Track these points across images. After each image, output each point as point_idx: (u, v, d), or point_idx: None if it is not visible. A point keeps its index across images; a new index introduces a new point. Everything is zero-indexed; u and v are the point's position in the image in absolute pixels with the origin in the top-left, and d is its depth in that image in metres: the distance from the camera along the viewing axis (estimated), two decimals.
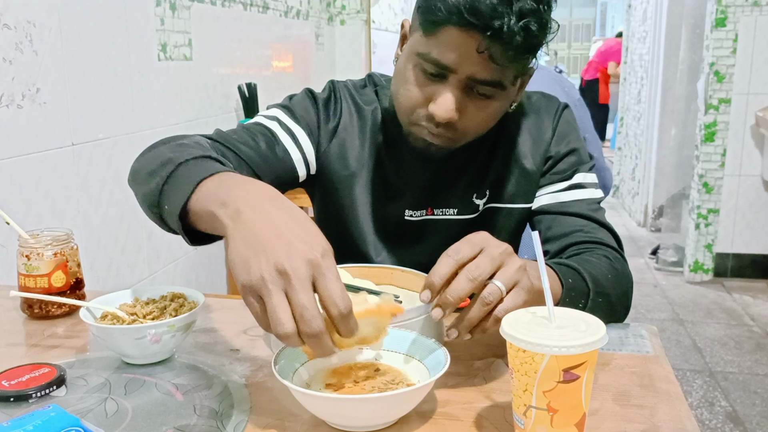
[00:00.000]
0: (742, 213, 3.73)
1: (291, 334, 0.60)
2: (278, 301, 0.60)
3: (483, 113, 0.93)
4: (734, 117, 3.62)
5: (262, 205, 0.67)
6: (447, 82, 0.90)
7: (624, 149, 5.88)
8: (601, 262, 0.94)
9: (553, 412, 0.60)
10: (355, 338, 0.65)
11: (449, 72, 0.89)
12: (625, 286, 0.96)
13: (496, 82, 0.89)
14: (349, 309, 0.62)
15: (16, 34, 1.43)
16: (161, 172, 0.79)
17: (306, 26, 3.25)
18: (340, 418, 0.67)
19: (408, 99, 0.94)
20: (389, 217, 1.07)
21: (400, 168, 1.07)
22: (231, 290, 2.51)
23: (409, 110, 0.95)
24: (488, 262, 0.69)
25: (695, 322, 3.26)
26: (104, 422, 0.69)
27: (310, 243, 0.63)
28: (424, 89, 0.92)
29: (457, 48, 0.86)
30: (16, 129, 1.44)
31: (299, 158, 1.04)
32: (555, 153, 1.06)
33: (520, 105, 1.08)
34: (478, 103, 0.92)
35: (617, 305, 0.94)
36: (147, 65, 1.93)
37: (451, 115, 0.90)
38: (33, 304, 0.98)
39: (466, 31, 0.84)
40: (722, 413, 2.43)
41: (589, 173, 1.07)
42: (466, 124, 0.93)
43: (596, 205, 1.05)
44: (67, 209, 1.61)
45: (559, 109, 1.08)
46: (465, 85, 0.90)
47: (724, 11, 3.51)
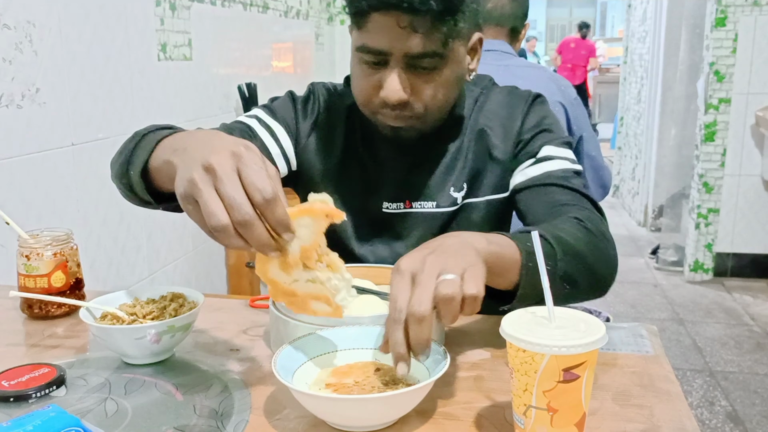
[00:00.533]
0: (742, 213, 3.73)
1: (225, 225, 0.63)
2: (208, 196, 0.63)
3: (433, 85, 0.96)
4: (734, 117, 3.62)
5: (203, 136, 0.73)
6: (388, 66, 0.94)
7: (624, 149, 5.88)
8: (569, 224, 0.90)
9: (553, 411, 0.60)
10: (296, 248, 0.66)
11: (386, 56, 0.93)
12: (599, 244, 0.90)
13: (431, 52, 0.92)
14: (274, 194, 0.63)
15: (16, 34, 1.43)
16: (128, 146, 0.88)
17: (306, 26, 3.25)
18: (340, 418, 0.67)
19: (361, 93, 0.99)
20: (368, 210, 1.09)
21: (377, 162, 1.09)
22: (231, 290, 2.51)
23: (366, 102, 0.99)
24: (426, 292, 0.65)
25: (695, 322, 3.26)
26: (104, 422, 0.69)
27: (234, 141, 0.67)
28: (371, 79, 0.97)
29: (384, 30, 0.91)
30: (16, 129, 1.44)
31: (278, 153, 1.08)
32: (525, 137, 1.06)
33: (492, 102, 1.10)
34: (424, 77, 0.95)
35: (596, 264, 0.88)
36: (147, 65, 1.93)
37: (400, 95, 0.94)
38: (33, 304, 0.98)
39: (387, 12, 0.90)
40: (722, 413, 2.43)
41: (560, 147, 1.05)
42: (422, 100, 0.96)
43: (571, 174, 1.02)
44: (67, 209, 1.61)
45: (528, 99, 1.09)
46: (405, 63, 0.93)
47: (724, 11, 3.51)
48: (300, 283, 0.70)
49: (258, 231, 0.64)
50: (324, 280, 0.71)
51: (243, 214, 0.63)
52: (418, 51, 0.91)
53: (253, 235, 0.64)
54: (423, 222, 1.08)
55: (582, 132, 1.88)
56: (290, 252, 0.68)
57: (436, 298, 0.65)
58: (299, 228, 0.67)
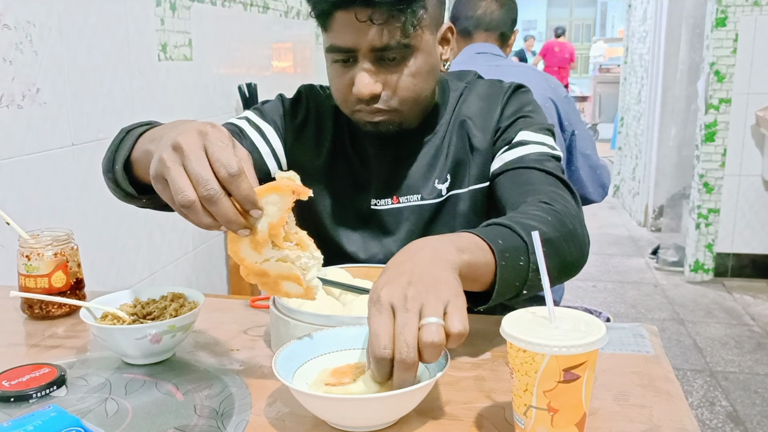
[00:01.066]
0: (743, 213, 3.72)
1: (192, 201, 0.64)
2: (176, 173, 0.65)
3: (405, 76, 0.97)
4: (734, 117, 3.62)
5: (177, 124, 0.76)
6: (357, 63, 0.96)
7: (624, 149, 5.88)
8: (539, 207, 0.88)
9: (553, 411, 0.60)
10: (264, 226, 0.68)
11: (353, 53, 0.95)
12: (567, 225, 0.87)
13: (395, 44, 0.94)
14: (239, 170, 0.64)
15: (16, 34, 1.43)
16: (114, 142, 0.91)
17: (306, 26, 3.25)
18: (340, 418, 0.67)
19: (337, 93, 1.02)
20: (358, 207, 1.10)
21: (364, 159, 1.10)
22: (231, 290, 2.51)
23: (343, 102, 1.02)
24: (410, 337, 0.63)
25: (695, 322, 3.26)
26: (104, 422, 0.69)
27: (202, 123, 0.70)
28: (343, 79, 0.99)
29: (346, 27, 0.94)
30: (16, 129, 1.44)
31: (267, 152, 1.10)
32: (503, 124, 1.07)
33: (473, 94, 1.10)
34: (393, 69, 0.97)
35: (567, 245, 0.86)
36: (147, 65, 1.93)
37: (371, 89, 0.96)
38: (33, 304, 0.98)
39: (345, 9, 0.92)
40: (723, 413, 2.43)
41: (537, 133, 1.03)
42: (396, 91, 0.98)
43: (546, 156, 1.01)
44: (67, 209, 1.61)
45: (508, 90, 1.10)
46: (372, 58, 0.95)
47: (725, 11, 3.51)
48: (270, 262, 0.71)
49: (224, 206, 0.65)
50: (294, 259, 0.71)
51: (208, 189, 0.64)
52: (381, 43, 0.94)
53: (219, 211, 0.65)
54: (411, 216, 1.09)
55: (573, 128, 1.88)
56: (259, 230, 0.69)
57: (420, 343, 0.62)
58: (267, 206, 0.68)
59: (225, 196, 0.65)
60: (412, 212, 1.09)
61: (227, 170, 0.64)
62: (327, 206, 1.11)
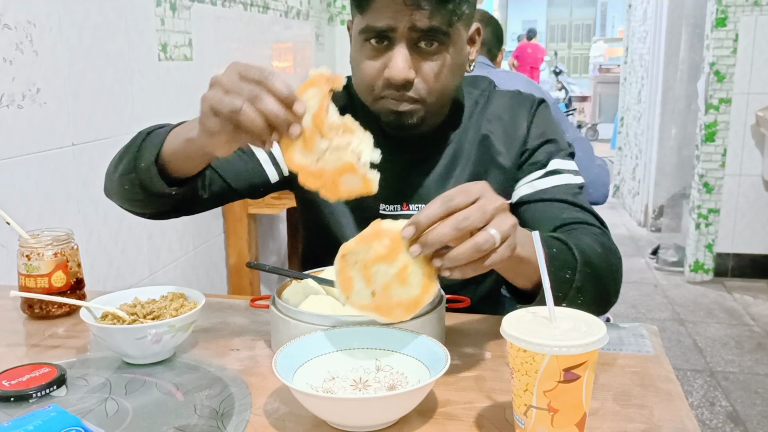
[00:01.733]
0: (743, 213, 3.72)
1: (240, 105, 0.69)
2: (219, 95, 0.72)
3: (436, 66, 0.94)
4: (734, 117, 3.62)
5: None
6: (393, 45, 0.93)
7: (624, 149, 5.88)
8: (588, 237, 0.92)
9: (553, 411, 0.60)
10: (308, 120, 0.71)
11: (390, 32, 0.92)
12: (613, 262, 0.93)
13: (436, 28, 0.91)
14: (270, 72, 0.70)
15: (16, 34, 1.43)
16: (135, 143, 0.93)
17: (306, 26, 3.25)
18: (340, 418, 0.67)
19: (365, 76, 0.96)
20: (365, 211, 1.07)
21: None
22: (231, 290, 2.51)
23: (369, 86, 0.97)
24: (479, 215, 0.68)
25: (696, 322, 3.26)
26: (105, 422, 0.69)
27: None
28: (375, 61, 0.95)
29: (389, 7, 0.90)
30: (16, 129, 1.44)
31: (266, 159, 1.07)
32: (530, 146, 1.06)
33: (495, 105, 1.08)
34: (428, 57, 0.94)
35: (606, 280, 0.90)
36: (147, 65, 1.93)
37: (406, 73, 0.92)
38: (33, 304, 0.98)
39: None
40: (723, 413, 2.43)
41: (566, 160, 1.05)
42: (425, 81, 0.94)
43: (577, 190, 1.03)
44: (67, 209, 1.61)
45: (534, 105, 1.08)
46: (409, 40, 0.92)
47: (725, 11, 3.51)
48: (324, 159, 0.72)
49: (269, 102, 0.69)
50: (344, 146, 0.72)
51: (250, 90, 0.69)
52: (424, 25, 0.90)
53: (267, 107, 0.69)
54: None
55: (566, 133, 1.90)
56: (306, 128, 0.71)
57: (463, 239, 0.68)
58: (307, 102, 0.71)
59: (268, 94, 0.69)
60: None
61: (260, 74, 0.70)
62: (332, 209, 1.08)
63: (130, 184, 0.92)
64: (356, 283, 0.72)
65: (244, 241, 2.44)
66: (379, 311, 0.73)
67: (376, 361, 0.75)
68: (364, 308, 0.73)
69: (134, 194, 0.93)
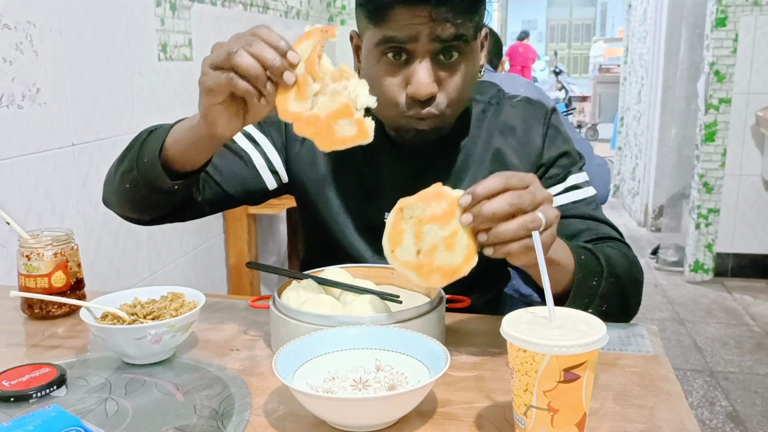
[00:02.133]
0: (743, 213, 3.72)
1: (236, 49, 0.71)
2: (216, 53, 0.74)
3: (456, 78, 0.92)
4: (734, 117, 3.62)
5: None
6: (415, 59, 0.90)
7: (624, 149, 5.88)
8: (613, 251, 0.94)
9: (553, 411, 0.60)
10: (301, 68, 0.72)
11: (411, 44, 0.89)
12: (636, 275, 0.95)
13: (459, 35, 0.89)
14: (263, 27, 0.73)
15: (16, 34, 1.43)
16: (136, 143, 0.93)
17: (306, 26, 3.24)
18: (340, 418, 0.67)
19: (386, 93, 0.92)
20: (369, 218, 1.06)
21: (375, 169, 1.05)
22: (231, 290, 2.51)
23: (392, 104, 0.93)
24: (530, 198, 0.71)
25: (696, 322, 3.26)
26: (105, 422, 0.69)
27: None
28: (396, 77, 0.92)
29: (409, 18, 0.87)
30: (16, 129, 1.44)
31: (262, 164, 1.05)
32: (546, 159, 1.04)
33: (505, 115, 1.06)
34: (449, 69, 0.92)
35: (629, 291, 0.93)
36: (147, 65, 1.93)
37: (432, 88, 0.90)
38: (33, 304, 0.98)
39: (413, 5, 0.86)
40: (723, 413, 2.43)
41: (580, 173, 1.06)
42: (447, 94, 0.92)
43: (594, 203, 1.04)
44: (67, 209, 1.61)
45: (547, 115, 1.06)
46: (431, 53, 0.89)
47: (725, 11, 3.51)
48: (318, 104, 0.72)
49: (262, 47, 0.71)
50: (340, 90, 0.72)
51: (245, 40, 0.72)
52: (447, 36, 0.88)
53: (261, 52, 0.71)
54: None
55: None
56: (299, 76, 0.72)
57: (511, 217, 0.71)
58: (301, 52, 0.72)
59: (262, 41, 0.72)
60: None
61: (254, 29, 0.73)
62: (334, 216, 1.07)
63: (131, 183, 0.91)
64: (406, 238, 0.73)
65: (244, 241, 2.44)
66: (419, 271, 0.73)
67: (376, 361, 0.75)
68: (406, 265, 0.73)
69: (135, 193, 0.93)
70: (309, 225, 1.12)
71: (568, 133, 1.10)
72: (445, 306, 0.88)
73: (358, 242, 1.07)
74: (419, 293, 0.96)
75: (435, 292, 0.89)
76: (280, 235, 3.05)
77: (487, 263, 0.85)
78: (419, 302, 0.86)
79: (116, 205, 1.00)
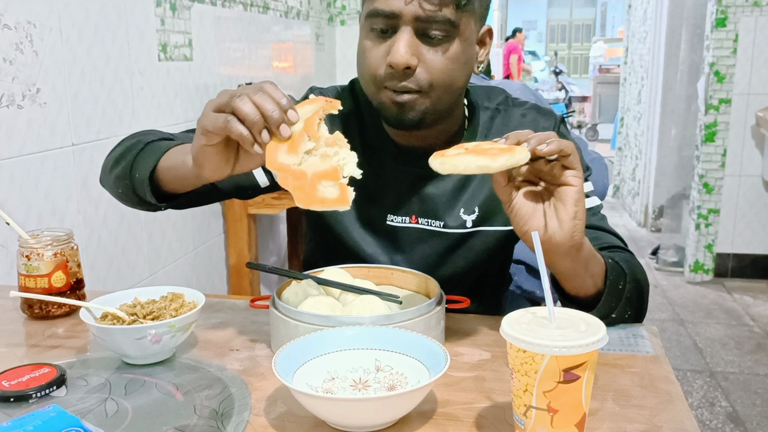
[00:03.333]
0: (743, 213, 3.72)
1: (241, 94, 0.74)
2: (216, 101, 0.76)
3: (441, 57, 0.92)
4: (734, 117, 3.62)
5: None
6: (398, 32, 0.91)
7: (624, 149, 5.88)
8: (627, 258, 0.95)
9: (553, 412, 0.60)
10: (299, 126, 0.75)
11: (396, 19, 0.90)
12: (648, 280, 0.97)
13: (444, 19, 0.89)
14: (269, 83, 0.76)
15: (17, 34, 1.43)
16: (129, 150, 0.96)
17: (306, 26, 3.25)
18: (340, 418, 0.67)
19: (368, 65, 0.94)
20: (373, 221, 1.05)
21: (379, 172, 1.04)
22: (231, 290, 2.51)
23: (372, 75, 0.94)
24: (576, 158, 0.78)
25: (696, 323, 3.26)
26: (104, 422, 0.69)
27: None
28: (379, 49, 0.93)
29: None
30: (16, 129, 1.44)
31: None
32: None
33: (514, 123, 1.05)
34: (434, 47, 0.91)
35: (645, 295, 0.95)
36: (147, 65, 1.93)
37: (407, 58, 0.89)
38: (33, 304, 0.98)
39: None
40: (723, 413, 2.43)
41: (587, 183, 1.04)
42: (428, 71, 0.92)
43: (599, 213, 1.04)
44: (67, 209, 1.61)
45: (555, 126, 1.05)
46: (416, 29, 0.90)
47: (725, 11, 3.51)
48: (308, 162, 0.74)
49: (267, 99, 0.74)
50: (330, 155, 0.74)
51: (252, 87, 0.75)
52: (430, 12, 0.88)
53: (263, 102, 0.73)
54: (429, 239, 1.05)
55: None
56: (294, 132, 0.74)
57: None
58: (302, 112, 0.76)
59: (266, 94, 0.74)
60: (432, 236, 1.04)
61: (261, 83, 0.76)
62: (338, 216, 1.06)
63: (124, 188, 0.96)
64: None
65: (244, 241, 2.44)
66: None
67: (376, 362, 0.75)
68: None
69: (127, 197, 0.98)
70: (313, 224, 1.13)
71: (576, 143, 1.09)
72: (445, 306, 0.88)
73: (363, 242, 1.06)
74: (419, 293, 0.96)
75: (435, 293, 0.89)
76: (280, 235, 3.05)
77: (488, 266, 0.85)
78: (419, 302, 0.86)
79: (111, 194, 1.03)
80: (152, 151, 0.93)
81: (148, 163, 0.91)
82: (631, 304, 0.91)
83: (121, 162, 0.96)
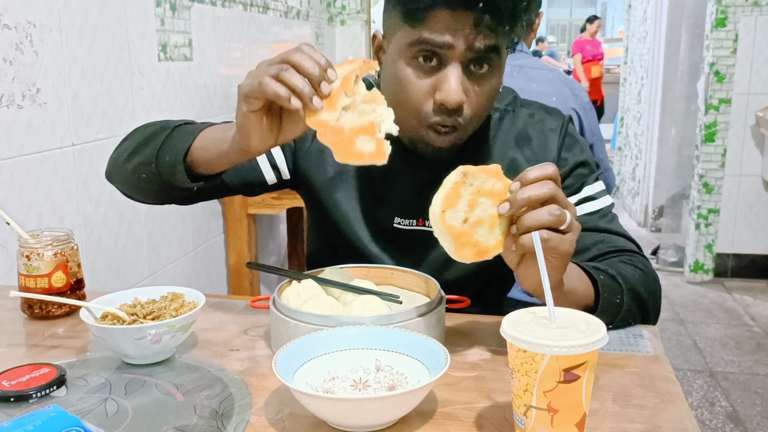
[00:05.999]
0: (743, 213, 3.72)
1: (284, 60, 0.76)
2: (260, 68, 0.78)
3: (483, 91, 0.91)
4: (734, 117, 3.62)
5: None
6: (447, 65, 0.88)
7: (624, 149, 5.88)
8: (628, 266, 0.94)
9: (553, 412, 0.60)
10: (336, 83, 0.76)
11: (446, 50, 0.86)
12: (652, 286, 0.95)
13: (495, 46, 0.88)
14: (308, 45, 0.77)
15: (16, 34, 1.43)
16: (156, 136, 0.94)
17: (306, 26, 3.25)
18: (340, 418, 0.67)
19: (413, 97, 0.90)
20: (380, 223, 1.05)
21: (387, 174, 1.02)
22: (231, 290, 2.51)
23: (417, 109, 0.91)
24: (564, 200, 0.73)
25: (695, 322, 3.26)
26: (104, 422, 0.69)
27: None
28: (424, 82, 0.89)
29: (452, 25, 0.85)
30: (16, 129, 1.44)
31: (263, 157, 1.05)
32: (562, 170, 1.03)
33: (520, 124, 1.05)
34: (477, 81, 0.90)
35: (648, 303, 0.93)
36: (147, 65, 1.93)
37: (461, 97, 0.88)
38: (33, 304, 0.98)
39: (456, 9, 0.84)
40: (723, 413, 2.43)
41: (596, 183, 1.04)
42: (472, 107, 0.90)
43: (610, 214, 1.03)
44: (67, 209, 1.61)
45: (563, 126, 1.05)
46: (464, 62, 0.88)
47: (725, 11, 3.51)
48: (346, 117, 0.76)
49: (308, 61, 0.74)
50: (368, 111, 0.76)
51: (292, 52, 0.76)
52: (482, 46, 0.86)
53: (304, 63, 0.74)
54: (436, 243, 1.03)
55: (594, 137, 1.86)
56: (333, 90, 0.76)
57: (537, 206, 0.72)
58: (340, 71, 0.77)
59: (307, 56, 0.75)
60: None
61: (298, 48, 0.76)
62: (343, 217, 1.06)
63: (148, 174, 0.93)
64: (460, 203, 0.73)
65: (244, 241, 2.44)
66: (458, 240, 0.73)
67: (376, 362, 0.75)
68: (450, 229, 0.73)
69: (149, 184, 0.95)
70: (317, 224, 1.12)
71: (585, 141, 1.08)
72: (445, 306, 0.88)
73: (369, 244, 1.06)
74: (419, 293, 0.96)
75: (435, 293, 0.89)
76: (280, 235, 3.05)
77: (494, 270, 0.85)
78: (419, 302, 0.86)
79: (122, 187, 1.02)
80: (185, 133, 0.92)
81: (182, 144, 0.90)
82: (632, 315, 0.90)
83: (145, 148, 0.94)
